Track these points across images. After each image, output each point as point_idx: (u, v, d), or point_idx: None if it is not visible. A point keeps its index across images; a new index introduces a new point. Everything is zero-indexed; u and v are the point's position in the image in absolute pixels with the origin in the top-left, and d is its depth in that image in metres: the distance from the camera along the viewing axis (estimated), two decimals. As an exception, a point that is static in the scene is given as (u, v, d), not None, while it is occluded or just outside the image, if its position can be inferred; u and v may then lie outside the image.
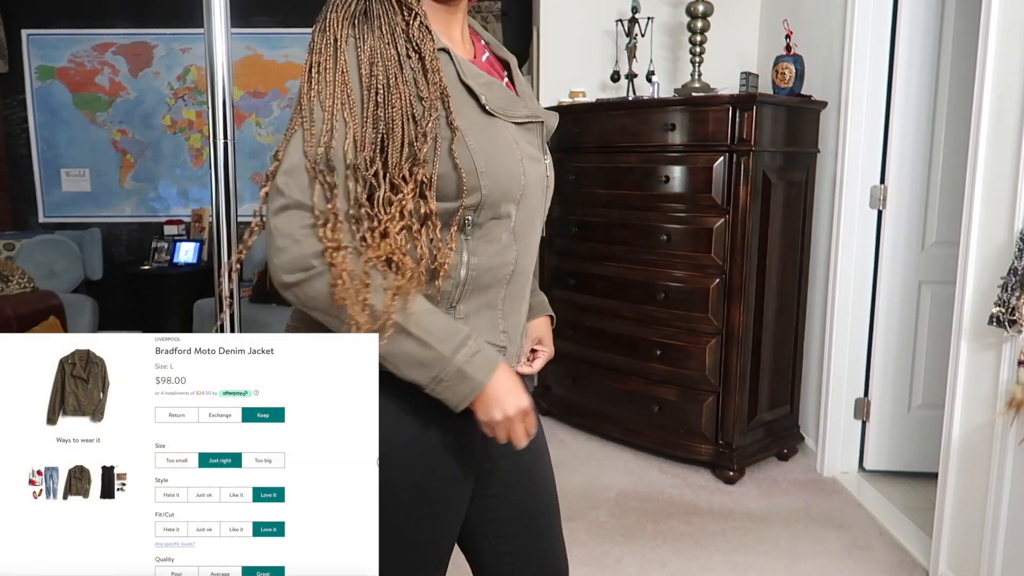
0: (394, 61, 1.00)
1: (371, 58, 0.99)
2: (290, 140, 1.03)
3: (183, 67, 5.15)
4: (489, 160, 1.04)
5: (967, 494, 2.15)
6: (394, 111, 0.98)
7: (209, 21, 1.34)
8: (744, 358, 2.94)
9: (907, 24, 2.77)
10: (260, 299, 4.58)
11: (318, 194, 0.98)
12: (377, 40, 1.00)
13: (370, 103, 0.98)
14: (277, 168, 1.05)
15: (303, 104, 1.00)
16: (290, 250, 0.98)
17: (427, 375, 0.99)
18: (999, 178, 1.99)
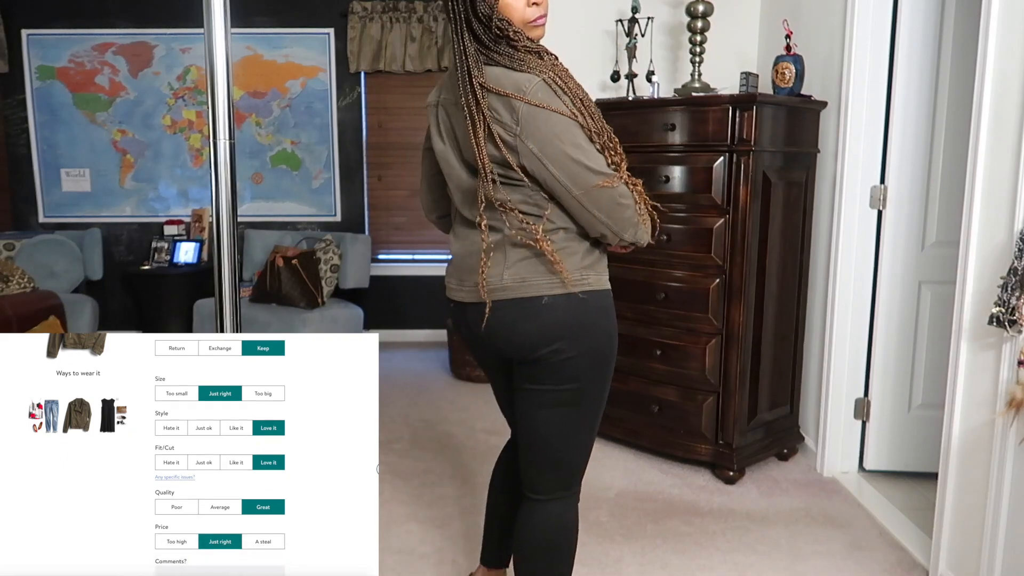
0: (567, 80, 1.54)
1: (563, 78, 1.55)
2: (570, 159, 1.54)
3: (183, 67, 5.15)
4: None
5: (967, 494, 2.15)
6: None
7: (209, 21, 1.33)
8: (744, 358, 2.94)
9: (907, 24, 2.77)
10: (260, 299, 4.58)
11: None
12: (552, 72, 1.52)
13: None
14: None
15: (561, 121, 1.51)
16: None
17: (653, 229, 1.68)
18: (999, 178, 1.99)
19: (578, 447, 1.67)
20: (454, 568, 2.34)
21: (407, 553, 2.44)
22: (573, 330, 1.57)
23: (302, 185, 5.26)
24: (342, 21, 5.03)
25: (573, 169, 1.48)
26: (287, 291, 4.48)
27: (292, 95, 5.16)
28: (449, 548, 2.46)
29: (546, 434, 1.65)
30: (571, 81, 1.51)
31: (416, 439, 3.46)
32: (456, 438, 3.47)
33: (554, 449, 1.66)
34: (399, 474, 3.04)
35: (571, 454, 1.67)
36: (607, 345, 1.63)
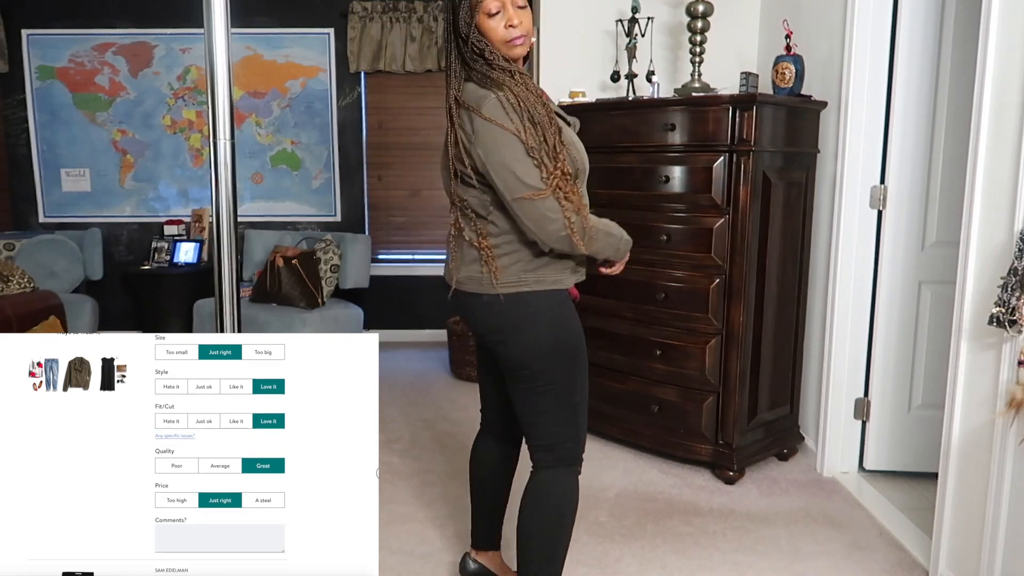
0: (527, 99, 1.70)
1: (523, 99, 1.70)
2: (506, 170, 1.73)
3: (183, 67, 5.15)
4: (577, 148, 1.78)
5: (967, 494, 2.15)
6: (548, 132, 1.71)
7: (209, 21, 1.33)
8: (744, 358, 2.94)
9: (907, 24, 2.77)
10: (260, 299, 4.58)
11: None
12: (515, 90, 1.70)
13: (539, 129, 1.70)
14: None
15: (507, 136, 1.69)
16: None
17: (625, 248, 1.87)
18: (999, 178, 1.99)
19: (555, 425, 1.82)
20: (454, 568, 2.34)
21: (407, 553, 2.44)
22: (511, 327, 1.77)
23: (302, 185, 5.26)
24: (342, 21, 5.03)
25: (507, 178, 1.66)
26: (287, 291, 4.48)
27: (292, 95, 5.16)
28: (449, 548, 2.46)
29: (521, 410, 1.86)
30: (530, 99, 1.67)
31: (416, 439, 3.46)
32: (456, 438, 3.47)
33: (530, 424, 1.85)
34: (399, 474, 3.04)
35: (549, 431, 1.83)
36: (554, 341, 1.78)
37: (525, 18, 1.72)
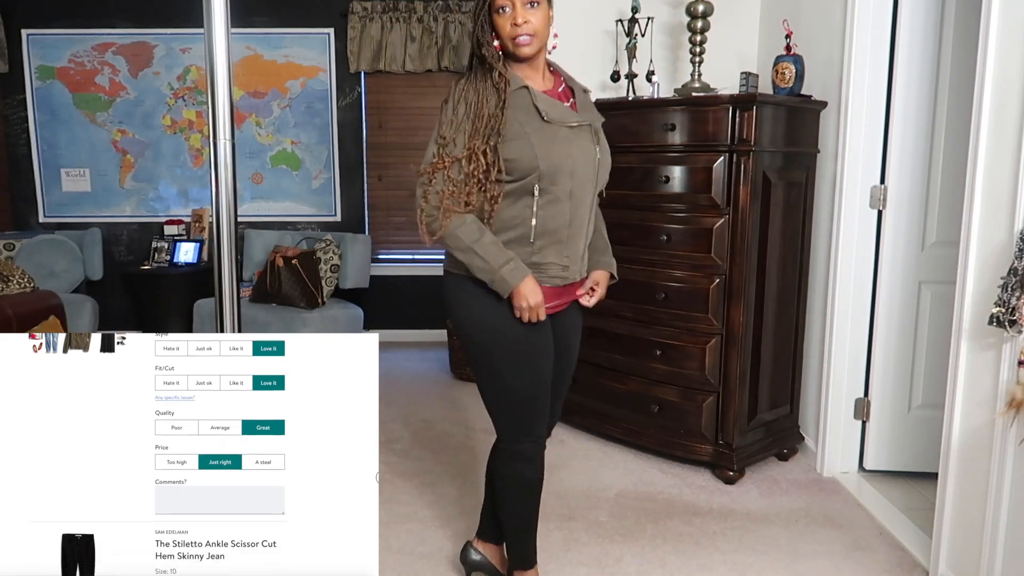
0: (483, 97, 1.77)
1: (475, 96, 1.78)
2: (428, 146, 1.84)
3: (183, 67, 5.15)
4: (545, 149, 1.78)
5: (967, 494, 2.15)
6: (479, 125, 1.77)
7: (209, 21, 1.34)
8: (744, 358, 2.94)
9: (907, 24, 2.77)
10: (260, 299, 4.58)
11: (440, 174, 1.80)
12: (479, 86, 1.79)
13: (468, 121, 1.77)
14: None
15: (440, 120, 1.81)
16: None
17: (488, 278, 1.79)
18: (999, 178, 1.99)
19: (487, 406, 1.97)
20: (454, 568, 2.34)
21: (407, 553, 2.44)
22: (444, 303, 1.95)
23: (302, 185, 5.26)
24: (342, 21, 5.03)
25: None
26: (287, 291, 4.49)
27: (292, 95, 5.16)
28: (449, 548, 2.46)
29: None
30: (478, 98, 1.76)
31: (416, 439, 3.46)
32: (456, 438, 3.47)
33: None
34: (399, 474, 3.04)
35: (487, 409, 1.98)
36: (466, 326, 1.90)
37: (534, 17, 1.77)
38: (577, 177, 1.84)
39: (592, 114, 1.93)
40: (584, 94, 1.97)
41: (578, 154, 1.84)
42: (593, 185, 1.90)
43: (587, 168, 1.87)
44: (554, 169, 1.79)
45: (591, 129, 1.89)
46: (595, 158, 1.89)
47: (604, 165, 1.93)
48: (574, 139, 1.84)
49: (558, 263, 1.87)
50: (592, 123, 1.91)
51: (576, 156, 1.83)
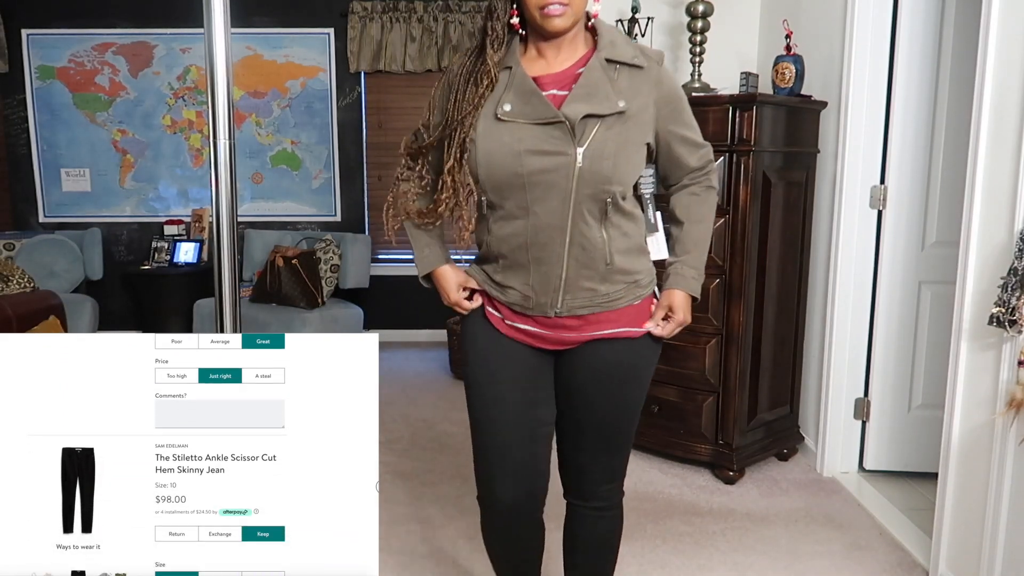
0: (462, 80, 1.50)
1: (452, 77, 1.53)
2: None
3: (183, 67, 5.15)
4: (488, 156, 1.45)
5: (967, 494, 2.15)
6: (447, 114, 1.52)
7: (209, 21, 1.33)
8: (744, 358, 2.94)
9: (907, 24, 2.77)
10: (260, 299, 4.58)
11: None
12: (461, 64, 1.51)
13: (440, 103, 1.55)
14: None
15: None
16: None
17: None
18: (999, 178, 1.99)
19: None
20: (454, 568, 2.34)
21: (407, 553, 2.44)
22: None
23: (302, 185, 5.26)
24: (342, 21, 5.03)
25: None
26: (287, 291, 4.48)
27: (292, 95, 5.16)
28: (449, 548, 2.46)
29: None
30: (461, 74, 1.51)
31: (416, 439, 3.46)
32: (456, 438, 3.47)
33: None
34: (399, 474, 3.04)
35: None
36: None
37: None
38: (536, 189, 1.43)
39: (597, 101, 1.44)
40: (623, 70, 1.49)
41: (536, 160, 1.42)
42: (569, 198, 1.44)
43: (554, 176, 1.43)
44: (495, 180, 1.45)
45: (567, 126, 1.42)
46: (572, 163, 1.42)
47: (597, 171, 1.44)
48: (538, 140, 1.42)
49: (519, 290, 1.53)
50: (575, 116, 1.42)
51: (532, 162, 1.42)
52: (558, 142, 1.42)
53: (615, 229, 1.50)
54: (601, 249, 1.49)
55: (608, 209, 1.47)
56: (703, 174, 1.64)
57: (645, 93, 1.49)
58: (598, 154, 1.43)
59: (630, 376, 1.63)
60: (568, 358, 1.60)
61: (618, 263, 1.52)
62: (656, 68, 1.52)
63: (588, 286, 1.51)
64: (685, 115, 1.57)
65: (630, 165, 1.49)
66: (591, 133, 1.43)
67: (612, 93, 1.45)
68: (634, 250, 1.56)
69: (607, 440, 1.65)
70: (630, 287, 1.56)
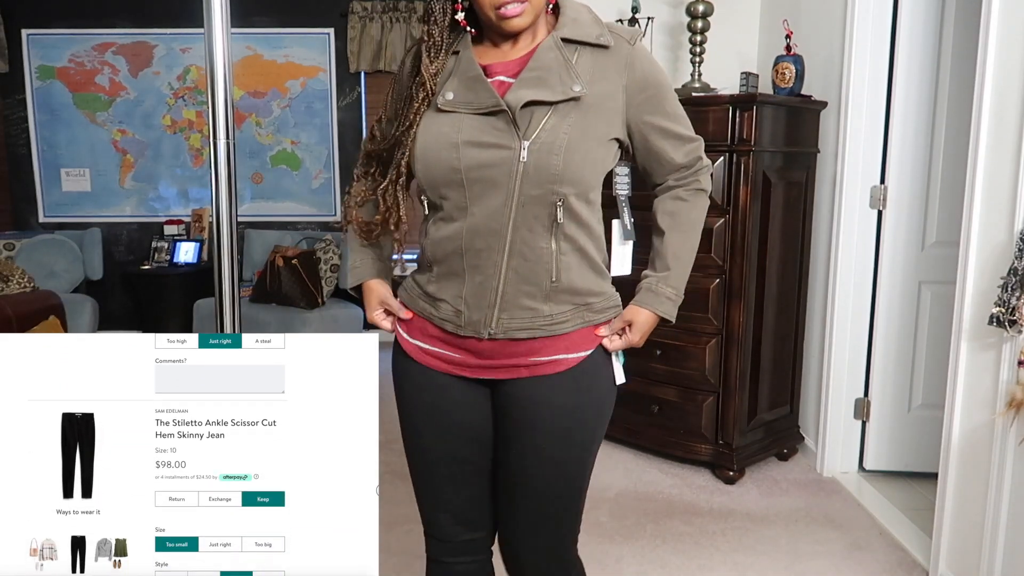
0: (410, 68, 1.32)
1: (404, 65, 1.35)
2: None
3: (183, 67, 5.15)
4: (425, 150, 1.27)
5: (967, 494, 2.15)
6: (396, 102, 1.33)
7: (209, 21, 1.33)
8: (744, 358, 2.94)
9: (907, 24, 2.77)
10: (260, 299, 4.58)
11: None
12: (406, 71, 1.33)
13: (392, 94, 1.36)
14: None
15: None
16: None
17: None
18: (999, 178, 1.99)
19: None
20: (454, 568, 2.34)
21: (407, 554, 2.43)
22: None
23: (302, 185, 5.26)
24: (342, 21, 5.03)
25: None
26: (287, 291, 4.48)
27: (292, 95, 5.16)
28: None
29: None
30: (404, 70, 1.34)
31: (416, 439, 3.46)
32: (456, 438, 3.47)
33: None
34: (399, 474, 3.04)
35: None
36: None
37: None
38: (475, 186, 1.23)
39: (546, 86, 1.23)
40: (585, 51, 1.27)
41: (475, 153, 1.22)
42: (512, 197, 1.23)
43: (494, 172, 1.22)
44: (432, 176, 1.26)
45: (509, 116, 1.22)
46: (514, 158, 1.21)
47: (544, 168, 1.22)
48: (478, 131, 1.23)
49: (451, 304, 1.30)
50: (516, 103, 1.21)
51: (470, 156, 1.22)
52: (500, 134, 1.22)
53: (567, 241, 1.27)
54: (547, 262, 1.26)
55: (559, 214, 1.24)
56: (691, 173, 1.43)
57: (612, 78, 1.27)
58: (546, 148, 1.21)
59: (576, 423, 1.34)
60: (504, 391, 1.34)
61: (566, 281, 1.28)
62: (626, 48, 1.28)
63: (528, 304, 1.27)
64: (666, 104, 1.34)
65: (588, 163, 1.25)
66: (539, 124, 1.22)
67: (567, 76, 1.23)
68: (589, 269, 1.32)
69: (544, 514, 1.37)
70: (579, 310, 1.31)
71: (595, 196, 1.32)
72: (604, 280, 1.37)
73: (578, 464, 1.37)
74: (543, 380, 1.31)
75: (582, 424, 1.36)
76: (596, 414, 1.38)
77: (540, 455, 1.33)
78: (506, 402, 1.34)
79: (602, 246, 1.37)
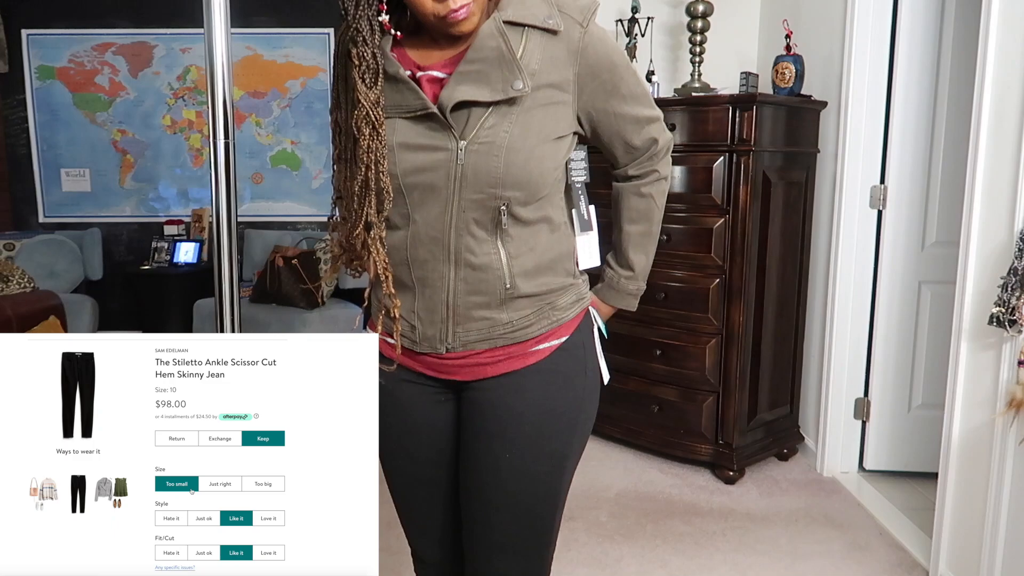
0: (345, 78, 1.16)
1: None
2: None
3: (183, 67, 5.15)
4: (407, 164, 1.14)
5: (967, 494, 2.15)
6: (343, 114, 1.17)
7: (209, 21, 1.33)
8: (744, 358, 2.94)
9: (907, 24, 2.77)
10: (260, 299, 4.58)
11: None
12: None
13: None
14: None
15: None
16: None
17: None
18: (999, 178, 1.99)
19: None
20: (454, 568, 2.34)
21: (407, 554, 2.43)
22: None
23: (302, 185, 5.26)
24: (342, 21, 5.02)
25: None
26: (287, 291, 4.48)
27: (292, 95, 5.16)
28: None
29: None
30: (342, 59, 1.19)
31: (416, 439, 3.46)
32: (456, 438, 3.47)
33: None
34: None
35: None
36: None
37: None
38: (413, 192, 1.14)
39: (484, 83, 1.10)
40: (533, 35, 1.12)
41: (410, 157, 1.13)
42: (452, 202, 1.13)
43: (432, 176, 1.13)
44: (399, 182, 1.15)
45: (444, 118, 1.11)
46: (451, 160, 1.12)
47: (484, 172, 1.11)
48: (412, 133, 1.13)
49: (405, 319, 1.21)
50: (446, 104, 1.10)
51: (406, 159, 1.13)
52: (436, 135, 1.12)
53: (516, 244, 1.17)
54: (497, 270, 1.16)
55: (503, 220, 1.13)
56: (646, 157, 1.30)
57: (563, 66, 1.14)
58: (485, 150, 1.11)
59: (549, 428, 1.21)
60: (469, 398, 1.23)
61: (523, 287, 1.18)
62: (578, 32, 1.14)
63: (483, 315, 1.18)
64: (622, 86, 1.20)
65: (533, 163, 1.13)
66: (478, 123, 1.11)
67: (509, 72, 1.10)
68: (547, 266, 1.21)
69: (509, 534, 1.23)
70: (543, 311, 1.21)
71: (551, 191, 1.20)
72: (568, 275, 1.27)
73: (549, 477, 1.22)
74: (510, 378, 1.20)
75: (554, 430, 1.22)
76: (571, 420, 1.24)
77: (506, 465, 1.20)
78: (470, 410, 1.23)
79: (567, 236, 1.27)
